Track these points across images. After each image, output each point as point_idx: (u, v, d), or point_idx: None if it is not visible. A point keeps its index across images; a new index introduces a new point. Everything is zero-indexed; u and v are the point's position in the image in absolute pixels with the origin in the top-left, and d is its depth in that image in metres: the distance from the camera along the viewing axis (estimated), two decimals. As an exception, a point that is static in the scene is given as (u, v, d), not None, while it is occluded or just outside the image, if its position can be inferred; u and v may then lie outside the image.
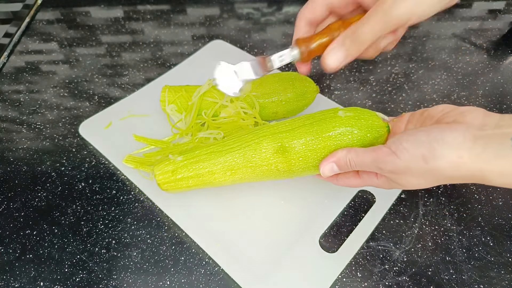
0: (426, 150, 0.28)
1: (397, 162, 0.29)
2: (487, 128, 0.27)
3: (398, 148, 0.29)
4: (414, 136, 0.29)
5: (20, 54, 0.64)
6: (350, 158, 0.33)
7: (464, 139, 0.27)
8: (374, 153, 0.31)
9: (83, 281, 0.38)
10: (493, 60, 0.59)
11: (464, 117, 0.29)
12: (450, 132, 0.28)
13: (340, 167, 0.34)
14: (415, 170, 0.29)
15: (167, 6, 0.72)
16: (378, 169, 0.31)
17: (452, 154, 0.27)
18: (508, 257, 0.38)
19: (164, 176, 0.39)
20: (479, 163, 0.26)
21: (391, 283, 0.37)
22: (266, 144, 0.37)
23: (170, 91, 0.48)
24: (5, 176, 0.47)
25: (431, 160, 0.28)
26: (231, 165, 0.38)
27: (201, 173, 0.39)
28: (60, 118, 0.53)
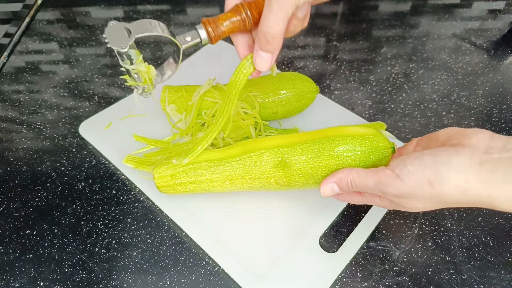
0: (432, 174, 0.27)
1: (401, 186, 0.28)
2: (493, 152, 0.26)
3: (402, 171, 0.28)
4: (419, 160, 0.28)
5: (20, 54, 0.64)
6: (352, 179, 0.32)
7: (471, 163, 0.26)
8: (376, 176, 0.30)
9: (83, 281, 0.38)
10: (493, 60, 0.59)
11: (470, 140, 0.28)
12: (456, 156, 0.27)
13: (341, 187, 0.33)
14: (420, 195, 0.28)
15: (167, 6, 0.71)
16: (381, 193, 0.30)
17: (459, 179, 0.26)
18: (508, 257, 0.38)
19: (162, 180, 0.39)
20: (486, 188, 0.26)
21: (391, 283, 0.37)
22: (266, 157, 0.37)
23: (170, 91, 0.48)
24: (5, 176, 0.47)
25: (437, 184, 0.27)
26: (230, 175, 0.38)
27: (200, 180, 0.39)
28: (60, 118, 0.53)
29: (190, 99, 0.47)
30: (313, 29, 0.66)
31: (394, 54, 0.61)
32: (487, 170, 0.26)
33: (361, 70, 0.59)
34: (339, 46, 0.63)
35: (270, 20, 0.30)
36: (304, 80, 0.48)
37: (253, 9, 0.32)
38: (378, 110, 0.53)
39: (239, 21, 0.33)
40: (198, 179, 0.39)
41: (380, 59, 0.60)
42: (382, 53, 0.61)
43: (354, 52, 0.62)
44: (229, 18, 0.33)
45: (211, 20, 0.33)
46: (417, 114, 0.52)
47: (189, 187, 0.39)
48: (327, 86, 0.56)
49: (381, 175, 0.30)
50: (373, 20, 0.68)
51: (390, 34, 0.65)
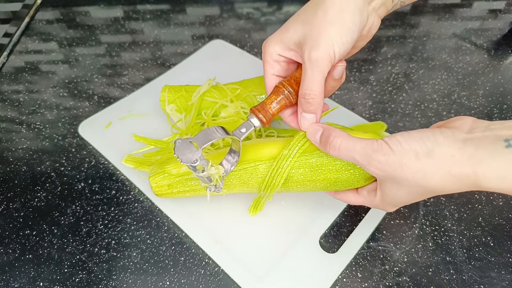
0: (419, 146, 0.27)
1: (389, 153, 0.28)
2: (476, 131, 0.27)
3: (391, 139, 0.29)
4: (408, 133, 0.29)
5: (20, 54, 0.64)
6: (337, 135, 0.31)
7: (454, 140, 0.27)
8: (366, 140, 0.30)
9: (83, 282, 0.38)
10: (493, 60, 0.59)
11: (453, 123, 0.29)
12: (440, 133, 0.28)
13: (324, 137, 0.32)
14: (406, 167, 0.28)
15: (167, 5, 0.71)
16: (367, 158, 0.29)
17: (443, 152, 0.26)
18: (508, 258, 0.38)
19: (160, 189, 0.39)
20: (472, 164, 0.25)
21: (391, 284, 0.37)
22: (262, 169, 0.36)
23: (170, 91, 0.48)
24: (5, 176, 0.47)
25: (423, 156, 0.27)
26: (226, 185, 0.38)
27: (198, 188, 0.39)
28: (59, 118, 0.53)
29: (190, 99, 0.47)
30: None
31: (394, 54, 0.61)
32: (471, 146, 0.26)
33: (361, 70, 0.59)
34: (339, 46, 0.63)
35: (307, 82, 0.31)
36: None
37: (293, 84, 0.34)
38: (379, 110, 0.52)
39: (284, 99, 0.34)
40: (196, 187, 0.39)
41: (380, 59, 0.60)
42: (383, 53, 0.61)
43: (354, 52, 0.62)
44: (275, 100, 0.34)
45: (259, 108, 0.34)
46: (417, 114, 0.52)
47: (187, 194, 0.40)
48: (327, 86, 0.56)
49: (371, 140, 0.30)
50: (373, 20, 0.68)
51: (391, 34, 0.65)
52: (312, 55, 0.30)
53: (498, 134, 0.25)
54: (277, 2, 0.71)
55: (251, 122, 0.34)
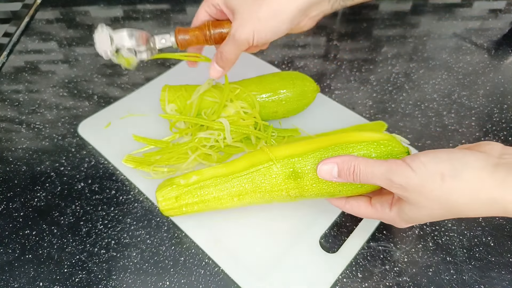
0: (446, 167, 0.26)
1: (411, 176, 0.27)
2: (507, 157, 0.26)
3: (414, 161, 0.27)
4: (434, 153, 0.28)
5: (20, 54, 0.64)
6: (357, 164, 0.30)
7: (486, 163, 0.26)
8: (387, 164, 0.29)
9: (83, 282, 0.38)
10: (494, 60, 0.59)
11: (483, 148, 0.28)
12: (472, 154, 0.27)
13: (341, 171, 0.31)
14: (430, 189, 0.27)
15: (167, 5, 0.71)
16: (389, 182, 0.28)
17: (473, 176, 0.25)
18: (508, 258, 0.38)
19: (167, 203, 0.37)
20: (503, 189, 0.25)
21: (391, 284, 0.37)
22: (276, 169, 0.35)
23: (170, 90, 0.48)
24: (4, 176, 0.47)
25: (449, 178, 0.26)
26: (238, 191, 0.36)
27: (207, 199, 0.37)
28: (59, 117, 0.53)
29: (189, 99, 0.47)
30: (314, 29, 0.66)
31: (394, 53, 0.61)
32: (503, 171, 0.25)
33: (361, 69, 0.59)
34: (339, 45, 0.63)
35: (226, 48, 0.37)
36: (305, 79, 0.48)
37: (217, 36, 0.39)
38: (379, 110, 0.52)
39: (201, 36, 0.39)
40: (205, 198, 0.37)
41: (380, 59, 0.60)
42: (383, 53, 0.61)
43: (354, 51, 0.62)
44: (195, 31, 0.39)
45: (181, 30, 0.39)
46: (417, 114, 0.52)
47: (195, 207, 0.38)
48: (328, 85, 0.56)
49: (391, 163, 0.28)
50: (373, 20, 0.68)
51: (391, 34, 0.65)
52: (236, 34, 0.36)
53: None
54: (277, 2, 0.71)
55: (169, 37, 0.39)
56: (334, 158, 0.32)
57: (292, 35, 0.64)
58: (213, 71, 0.40)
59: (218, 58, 0.38)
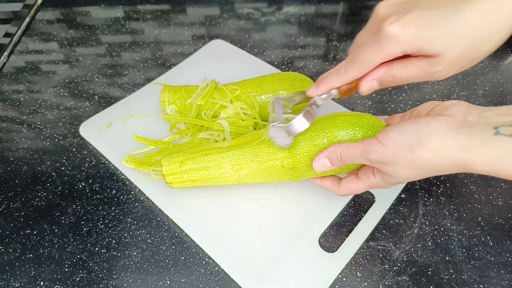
0: (411, 139, 0.29)
1: (384, 151, 0.30)
2: (470, 119, 0.28)
3: (385, 137, 0.30)
4: (400, 127, 0.30)
5: (20, 54, 0.64)
6: (341, 151, 0.34)
7: (448, 129, 0.28)
8: (362, 145, 0.32)
9: (83, 281, 0.38)
10: (493, 60, 0.59)
11: (448, 111, 0.30)
12: (435, 122, 0.29)
13: (332, 161, 0.35)
14: (401, 160, 0.29)
15: (167, 6, 0.72)
16: (367, 160, 0.32)
17: (437, 143, 0.28)
18: (508, 257, 0.38)
19: (171, 167, 0.40)
20: (463, 152, 0.27)
21: (391, 283, 0.37)
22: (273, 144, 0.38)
23: (169, 91, 0.48)
24: (5, 175, 0.47)
25: (416, 149, 0.28)
26: (238, 159, 0.39)
27: (209, 165, 0.39)
28: (60, 118, 0.53)
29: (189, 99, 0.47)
30: (313, 29, 0.66)
31: (394, 54, 0.61)
32: (464, 134, 0.27)
33: (361, 70, 0.59)
34: (339, 46, 0.63)
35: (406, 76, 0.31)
36: (304, 80, 0.48)
37: None
38: (378, 110, 0.53)
39: None
40: (207, 164, 0.39)
41: (380, 59, 0.60)
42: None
43: (354, 52, 0.62)
44: None
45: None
46: (417, 114, 0.52)
47: (196, 175, 0.40)
48: (327, 86, 0.56)
49: (366, 143, 0.32)
50: (373, 20, 0.68)
51: (390, 34, 0.65)
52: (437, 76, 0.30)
53: (489, 122, 0.27)
54: (277, 2, 0.71)
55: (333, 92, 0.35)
56: (323, 153, 0.35)
57: (292, 35, 0.65)
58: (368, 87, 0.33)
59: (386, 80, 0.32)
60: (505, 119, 0.26)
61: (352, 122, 0.36)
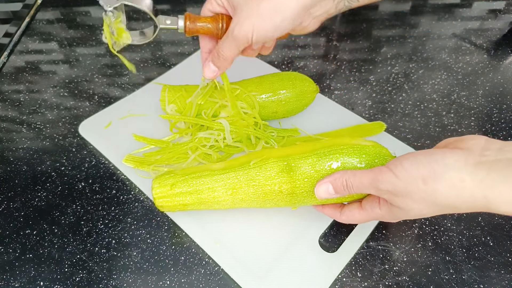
0: (426, 171, 0.27)
1: (395, 182, 0.28)
2: (489, 154, 0.26)
3: (397, 167, 0.28)
4: (414, 157, 0.28)
5: (20, 54, 0.64)
6: (347, 178, 0.32)
7: (465, 163, 0.26)
8: (372, 173, 0.30)
9: (83, 281, 0.38)
10: (493, 60, 0.59)
11: (466, 144, 0.28)
12: (451, 155, 0.27)
13: (336, 188, 0.33)
14: (414, 193, 0.28)
15: (167, 5, 0.71)
16: (376, 190, 0.30)
17: (453, 177, 0.26)
18: (508, 257, 0.38)
19: (161, 190, 0.38)
20: (483, 188, 0.25)
21: (391, 283, 0.37)
22: (272, 163, 0.36)
23: (170, 91, 0.48)
24: (5, 175, 0.47)
25: (430, 181, 0.27)
26: (233, 183, 0.37)
27: (201, 189, 0.37)
28: (60, 117, 0.53)
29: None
30: (313, 29, 0.66)
31: (394, 54, 0.61)
32: (483, 170, 0.25)
33: (361, 70, 0.59)
34: (339, 46, 0.63)
35: (224, 45, 0.36)
36: (304, 80, 0.48)
37: (227, 23, 0.37)
38: (378, 110, 0.53)
39: (213, 28, 0.38)
40: (199, 188, 0.37)
41: (380, 59, 0.60)
42: (382, 53, 0.61)
43: (354, 52, 0.62)
44: (207, 21, 0.38)
45: (192, 16, 0.38)
46: (417, 114, 0.52)
47: (188, 199, 0.38)
48: (327, 86, 0.56)
49: (376, 172, 0.30)
50: (373, 20, 0.68)
51: (390, 34, 0.65)
52: (234, 31, 0.34)
53: (510, 158, 0.25)
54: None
55: (177, 20, 0.38)
56: (327, 178, 0.33)
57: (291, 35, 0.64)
58: (208, 71, 0.39)
59: (215, 57, 0.37)
60: None
61: (358, 149, 0.35)
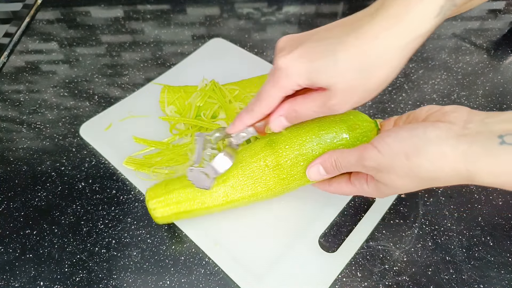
0: (408, 146, 0.27)
1: (379, 158, 0.28)
2: (471, 126, 0.26)
3: (380, 143, 0.29)
4: (396, 133, 0.28)
5: (20, 54, 0.64)
6: (335, 158, 0.32)
7: (447, 137, 0.26)
8: (358, 151, 0.30)
9: (83, 281, 0.38)
10: (493, 60, 0.59)
11: (448, 117, 0.28)
12: (433, 129, 0.27)
13: (326, 168, 0.33)
14: (398, 168, 0.28)
15: (167, 5, 0.71)
16: (363, 167, 0.30)
17: (435, 151, 0.26)
18: (508, 257, 0.38)
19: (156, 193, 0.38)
20: (465, 161, 0.25)
21: (391, 283, 0.37)
22: (256, 142, 0.38)
23: (169, 91, 0.48)
24: (5, 175, 0.47)
25: (412, 156, 0.27)
26: (223, 174, 0.37)
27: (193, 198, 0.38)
28: (60, 118, 0.53)
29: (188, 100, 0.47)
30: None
31: (394, 54, 0.61)
32: (465, 143, 0.25)
33: (361, 70, 0.59)
34: (339, 46, 0.63)
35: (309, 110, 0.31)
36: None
37: None
38: (378, 110, 0.53)
39: None
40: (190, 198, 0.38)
41: (380, 59, 0.60)
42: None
43: (354, 52, 0.62)
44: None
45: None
46: (417, 114, 0.52)
47: (181, 195, 0.38)
48: (327, 86, 0.56)
49: (361, 149, 0.30)
50: (373, 20, 0.68)
51: (390, 34, 0.65)
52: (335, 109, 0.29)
53: (493, 130, 0.25)
54: (277, 2, 0.71)
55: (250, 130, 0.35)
56: (317, 160, 0.34)
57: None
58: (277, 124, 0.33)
59: (292, 116, 0.32)
60: (509, 126, 0.25)
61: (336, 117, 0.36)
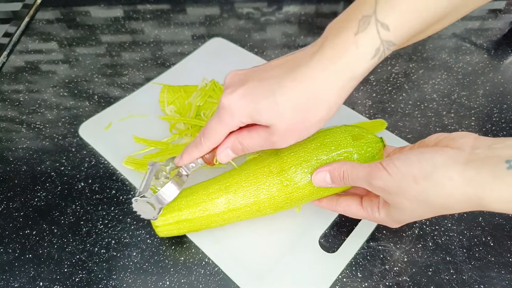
0: (416, 169, 0.27)
1: (388, 179, 0.29)
2: (478, 152, 0.26)
3: (389, 165, 0.29)
4: (405, 156, 0.29)
5: (20, 54, 0.64)
6: (345, 169, 0.32)
7: (454, 162, 0.26)
8: (368, 168, 0.30)
9: (83, 281, 0.38)
10: (493, 60, 0.59)
11: (456, 142, 0.28)
12: (440, 154, 0.27)
13: (333, 177, 0.33)
14: (406, 191, 0.28)
15: (167, 5, 0.71)
16: (369, 185, 0.30)
17: (442, 176, 0.26)
18: (508, 257, 0.38)
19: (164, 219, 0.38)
20: (474, 187, 0.25)
21: (391, 283, 0.37)
22: (263, 154, 0.38)
23: (169, 91, 0.48)
24: (5, 175, 0.47)
25: (420, 179, 0.27)
26: (224, 177, 0.38)
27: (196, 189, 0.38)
28: (59, 117, 0.53)
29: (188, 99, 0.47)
30: (313, 29, 0.66)
31: (394, 53, 0.61)
32: (473, 169, 0.25)
33: (361, 69, 0.58)
34: (339, 45, 0.63)
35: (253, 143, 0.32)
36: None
37: None
38: (378, 110, 0.52)
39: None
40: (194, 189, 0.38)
41: (380, 59, 0.60)
42: (382, 53, 0.61)
43: (354, 51, 0.62)
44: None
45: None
46: (417, 114, 0.52)
47: (183, 202, 0.37)
48: (327, 85, 0.56)
49: (372, 167, 0.30)
50: (373, 20, 0.68)
51: (390, 34, 0.65)
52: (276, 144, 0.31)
53: (500, 155, 0.25)
54: (277, 2, 0.71)
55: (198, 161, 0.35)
56: (326, 167, 0.34)
57: (292, 35, 0.64)
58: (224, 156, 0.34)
59: (238, 148, 0.33)
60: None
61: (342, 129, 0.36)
